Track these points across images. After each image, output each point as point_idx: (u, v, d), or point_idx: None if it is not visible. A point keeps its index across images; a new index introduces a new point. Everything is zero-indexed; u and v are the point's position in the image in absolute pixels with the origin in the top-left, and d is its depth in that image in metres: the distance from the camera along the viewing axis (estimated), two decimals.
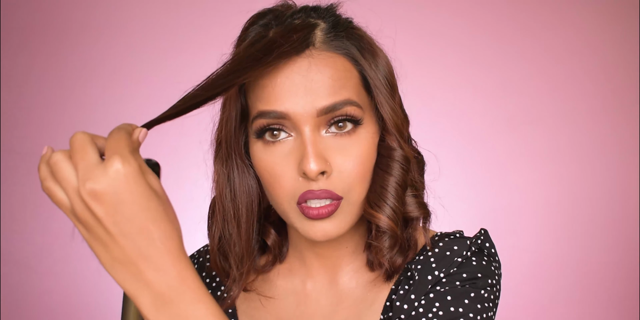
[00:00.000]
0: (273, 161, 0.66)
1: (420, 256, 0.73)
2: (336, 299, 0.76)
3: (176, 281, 0.51)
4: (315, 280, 0.77)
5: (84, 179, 0.49)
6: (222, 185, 0.73)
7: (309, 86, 0.64)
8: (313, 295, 0.77)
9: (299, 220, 0.68)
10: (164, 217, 0.51)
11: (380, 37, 0.74)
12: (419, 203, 0.72)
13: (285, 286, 0.79)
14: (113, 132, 0.52)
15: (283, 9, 0.70)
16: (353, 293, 0.76)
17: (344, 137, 0.66)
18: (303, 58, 0.64)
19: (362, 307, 0.74)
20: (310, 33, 0.66)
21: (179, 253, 0.51)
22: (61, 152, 0.51)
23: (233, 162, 0.72)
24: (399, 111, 0.71)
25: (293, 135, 0.66)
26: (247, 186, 0.73)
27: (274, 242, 0.77)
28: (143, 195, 0.49)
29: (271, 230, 0.77)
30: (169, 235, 0.51)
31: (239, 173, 0.72)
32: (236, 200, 0.72)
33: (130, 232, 0.50)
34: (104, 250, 0.51)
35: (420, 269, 0.72)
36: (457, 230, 0.78)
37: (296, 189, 0.66)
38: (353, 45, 0.68)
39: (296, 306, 0.77)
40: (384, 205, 0.68)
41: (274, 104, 0.64)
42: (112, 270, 0.51)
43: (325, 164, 0.64)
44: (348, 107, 0.65)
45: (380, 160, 0.70)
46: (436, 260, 0.72)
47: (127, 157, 0.49)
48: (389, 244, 0.70)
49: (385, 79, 0.69)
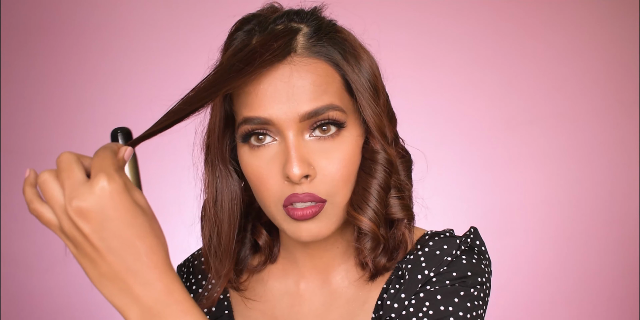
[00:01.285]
0: (259, 165, 0.68)
1: (411, 255, 0.74)
2: (329, 298, 0.77)
3: (163, 295, 0.52)
4: (308, 280, 0.78)
5: (71, 197, 0.50)
6: (210, 189, 0.75)
7: (291, 92, 0.65)
8: (307, 296, 0.78)
9: (285, 222, 0.69)
10: (150, 232, 0.52)
11: (366, 39, 0.74)
12: (403, 205, 0.73)
13: (279, 287, 0.79)
14: (99, 151, 0.54)
15: (268, 13, 0.71)
16: (345, 292, 0.76)
17: (328, 140, 0.67)
18: (285, 64, 0.66)
19: (355, 306, 0.75)
20: (292, 39, 0.67)
21: (165, 267, 0.53)
22: (48, 172, 0.52)
23: (217, 168, 0.74)
24: (383, 114, 0.72)
25: (277, 140, 0.67)
26: (229, 192, 0.75)
27: (265, 243, 0.79)
28: (128, 211, 0.51)
29: (262, 230, 0.78)
30: (155, 250, 0.52)
31: (222, 178, 0.74)
32: (220, 205, 0.74)
33: (117, 248, 0.51)
34: (92, 266, 0.52)
35: (410, 268, 0.73)
36: (447, 228, 0.78)
37: (282, 192, 0.67)
38: (335, 49, 0.69)
39: (291, 307, 0.78)
40: (366, 208, 0.70)
41: (257, 110, 0.66)
42: (100, 285, 0.53)
43: (308, 168, 0.66)
44: (330, 111, 0.66)
45: (364, 163, 0.71)
46: (426, 260, 0.73)
47: (112, 174, 0.51)
48: (371, 246, 0.71)
49: (368, 82, 0.70)
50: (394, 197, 0.73)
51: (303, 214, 0.67)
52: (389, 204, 0.72)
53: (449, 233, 0.77)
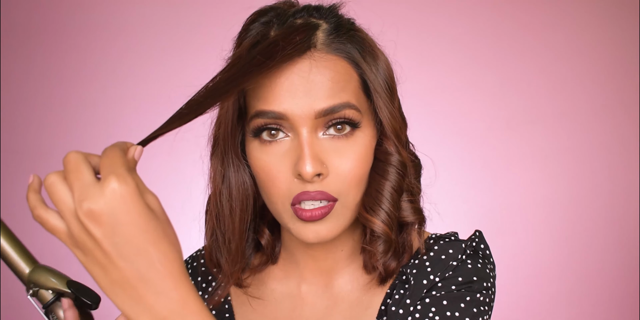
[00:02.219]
0: (269, 161, 0.66)
1: (416, 260, 0.73)
2: (332, 302, 0.76)
3: (178, 305, 0.50)
4: (310, 283, 0.77)
5: (81, 199, 0.47)
6: (218, 183, 0.72)
7: (308, 88, 0.63)
8: (309, 299, 0.77)
9: (292, 222, 0.67)
10: (164, 238, 0.49)
11: (381, 40, 0.74)
12: (415, 208, 0.72)
13: (280, 290, 0.78)
14: (107, 150, 0.51)
15: (285, 6, 0.70)
16: (348, 296, 0.75)
17: (341, 139, 0.66)
18: (304, 59, 0.64)
19: (358, 311, 0.74)
20: (312, 34, 0.65)
21: (180, 276, 0.50)
22: (55, 174, 0.49)
23: (229, 160, 0.72)
24: (398, 115, 0.71)
25: (290, 136, 0.66)
26: (242, 184, 0.72)
27: (267, 242, 0.77)
28: (141, 215, 0.48)
29: (265, 229, 0.77)
30: (170, 257, 0.49)
31: (234, 171, 0.72)
32: (231, 199, 0.72)
33: (129, 254, 0.48)
34: (103, 273, 0.49)
35: (415, 273, 0.72)
36: (451, 231, 0.77)
37: (291, 190, 0.66)
38: (354, 47, 0.68)
39: (292, 310, 0.77)
40: (379, 210, 0.68)
41: (272, 104, 0.64)
42: (111, 293, 0.50)
43: (321, 166, 0.64)
44: (346, 110, 0.65)
45: (376, 164, 0.70)
46: (431, 264, 0.72)
47: (123, 176, 0.48)
48: (383, 249, 0.70)
49: (385, 82, 0.69)
50: (406, 200, 0.71)
51: (312, 215, 0.65)
52: (401, 208, 0.71)
53: (454, 237, 0.76)
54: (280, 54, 0.61)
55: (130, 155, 0.52)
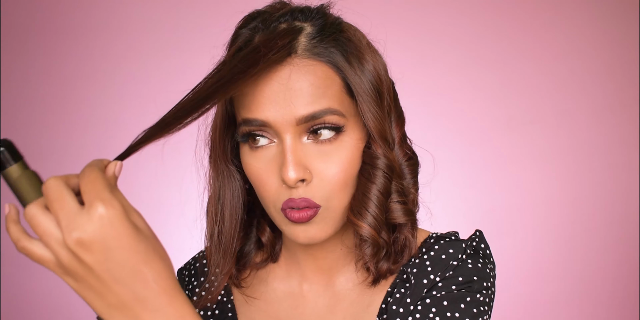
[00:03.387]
0: (258, 166, 0.67)
1: (416, 259, 0.74)
2: (333, 300, 0.76)
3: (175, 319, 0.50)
4: (312, 282, 0.78)
5: (69, 229, 0.47)
6: (212, 187, 0.74)
7: (288, 95, 0.63)
8: (310, 297, 0.77)
9: (284, 224, 0.69)
10: (155, 256, 0.50)
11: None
12: (405, 209, 0.72)
13: (282, 288, 0.79)
14: (86, 171, 0.50)
15: (273, 10, 0.69)
16: (349, 294, 0.76)
17: (326, 143, 0.66)
18: (284, 66, 0.64)
19: (359, 309, 0.75)
20: (294, 39, 0.65)
21: (174, 291, 0.51)
22: (34, 205, 0.49)
23: (220, 169, 0.73)
24: (384, 118, 0.70)
25: (276, 142, 0.67)
26: (231, 191, 0.74)
27: (268, 240, 0.78)
28: (131, 237, 0.48)
29: (266, 227, 0.78)
30: (163, 275, 0.50)
31: (224, 178, 0.74)
32: (222, 205, 0.74)
33: (124, 277, 0.49)
34: (98, 298, 0.50)
35: (416, 272, 0.72)
36: (452, 231, 0.78)
37: (280, 194, 0.67)
38: (337, 51, 0.67)
39: (294, 308, 0.78)
40: (365, 213, 0.69)
41: (255, 112, 0.65)
42: (108, 316, 0.50)
43: (304, 172, 0.65)
44: (328, 115, 0.65)
45: (363, 167, 0.70)
46: (432, 264, 0.72)
47: (109, 199, 0.48)
48: (371, 252, 0.71)
49: (370, 84, 0.68)
50: (396, 201, 0.71)
51: (300, 216, 0.66)
52: (390, 209, 0.71)
53: (454, 236, 0.76)
54: (262, 60, 0.61)
55: (110, 173, 0.52)
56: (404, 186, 0.73)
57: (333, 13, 0.72)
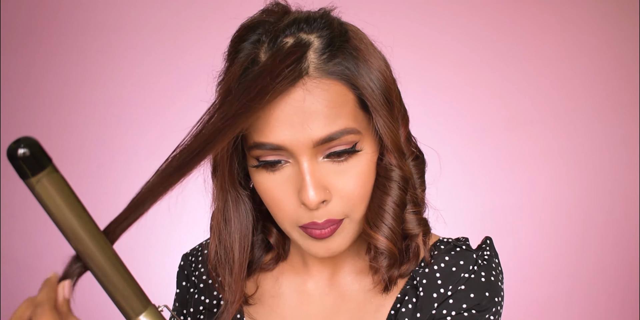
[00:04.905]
0: (273, 186, 0.65)
1: (426, 268, 0.73)
2: (339, 300, 0.76)
3: None
4: (317, 280, 0.78)
5: None
6: (218, 208, 0.72)
7: (303, 118, 0.61)
8: (316, 296, 0.77)
9: (301, 239, 0.68)
10: None
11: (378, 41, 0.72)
12: (419, 219, 0.72)
13: (288, 285, 0.79)
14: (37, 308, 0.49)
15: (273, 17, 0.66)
16: (357, 296, 0.75)
17: (342, 161, 0.65)
18: (297, 87, 0.61)
19: (366, 311, 0.74)
20: (303, 57, 0.62)
21: None
22: None
23: (227, 193, 0.71)
24: (397, 127, 0.69)
25: (291, 162, 0.65)
26: (240, 217, 0.72)
27: (276, 240, 0.77)
28: None
29: (273, 229, 0.77)
30: None
31: (232, 203, 0.72)
32: (230, 231, 0.72)
33: None
34: None
35: (425, 284, 0.72)
36: (462, 237, 0.77)
37: (298, 215, 0.65)
38: (348, 65, 0.65)
39: (299, 306, 0.77)
40: (381, 225, 0.68)
41: (269, 136, 0.62)
42: None
43: (324, 193, 0.63)
44: (345, 135, 0.63)
45: (378, 179, 0.69)
46: (442, 277, 0.72)
47: None
48: (388, 264, 0.70)
49: (382, 95, 0.67)
50: (410, 212, 0.71)
51: (322, 233, 0.65)
52: (405, 220, 0.70)
53: (465, 245, 0.75)
54: (271, 87, 0.58)
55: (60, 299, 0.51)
56: (418, 196, 0.72)
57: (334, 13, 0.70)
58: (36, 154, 0.41)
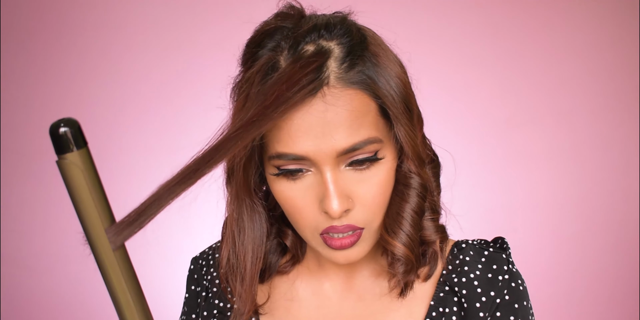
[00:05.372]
0: (293, 195, 0.65)
1: (462, 277, 0.74)
2: (359, 303, 0.76)
3: None
4: (334, 283, 0.77)
5: None
6: (231, 217, 0.72)
7: (327, 129, 0.61)
8: (334, 298, 0.77)
9: (321, 248, 0.67)
10: None
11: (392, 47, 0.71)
12: (437, 226, 0.72)
13: (304, 288, 0.78)
14: None
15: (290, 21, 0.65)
16: (378, 300, 0.75)
17: (364, 169, 0.64)
18: (318, 97, 0.61)
19: (394, 317, 0.74)
20: (323, 66, 0.61)
21: None
22: None
23: (242, 201, 0.71)
24: (417, 134, 0.69)
25: (312, 171, 0.64)
26: (254, 228, 0.72)
27: (292, 243, 0.77)
28: None
29: (289, 231, 0.76)
30: None
31: (247, 213, 0.71)
32: (243, 240, 0.72)
33: None
34: None
35: (466, 294, 0.72)
36: (479, 239, 0.78)
37: (318, 222, 0.65)
38: (370, 73, 0.64)
39: (317, 308, 0.77)
40: (399, 232, 0.68)
41: (292, 146, 0.61)
42: None
43: (347, 202, 0.63)
44: (368, 145, 0.63)
45: (396, 186, 0.68)
46: (481, 284, 0.73)
47: None
48: (404, 270, 0.70)
49: (402, 103, 0.66)
50: (429, 219, 0.71)
51: (342, 244, 0.65)
52: (423, 227, 0.71)
53: (492, 248, 0.76)
54: (290, 95, 0.58)
55: None
56: (436, 202, 0.72)
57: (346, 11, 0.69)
58: (75, 135, 0.46)
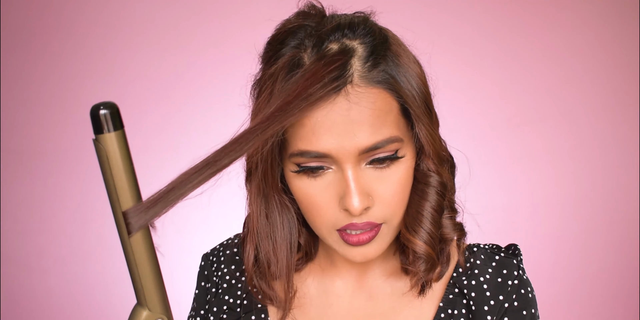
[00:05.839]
0: (313, 192, 0.65)
1: (472, 280, 0.74)
2: (370, 302, 0.76)
3: None
4: (346, 281, 0.77)
5: None
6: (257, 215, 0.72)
7: (350, 127, 0.61)
8: (345, 297, 0.77)
9: (338, 245, 0.68)
10: None
11: None
12: (455, 224, 0.73)
13: (316, 286, 0.79)
14: None
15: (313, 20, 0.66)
16: (389, 299, 0.76)
17: (385, 168, 0.65)
18: (342, 95, 0.61)
19: (404, 317, 0.74)
20: (348, 64, 0.62)
21: None
22: None
23: (271, 198, 0.71)
24: (438, 134, 0.70)
25: (333, 168, 0.64)
26: (284, 223, 0.72)
27: (306, 241, 0.77)
28: None
29: (303, 228, 0.76)
30: None
31: (279, 211, 0.72)
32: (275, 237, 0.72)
33: None
34: None
35: (475, 297, 0.73)
36: (491, 244, 0.79)
37: (337, 219, 0.65)
38: (392, 72, 0.65)
39: (328, 306, 0.77)
40: (420, 230, 0.68)
41: (315, 144, 0.62)
42: None
43: (367, 200, 0.64)
44: (390, 144, 0.63)
45: (416, 185, 0.69)
46: (490, 288, 0.74)
47: None
48: (425, 268, 0.70)
49: (423, 102, 0.67)
50: (447, 217, 0.72)
51: (359, 240, 0.65)
52: (442, 225, 0.71)
53: (503, 253, 0.77)
54: (313, 91, 0.59)
55: None
56: (454, 200, 0.73)
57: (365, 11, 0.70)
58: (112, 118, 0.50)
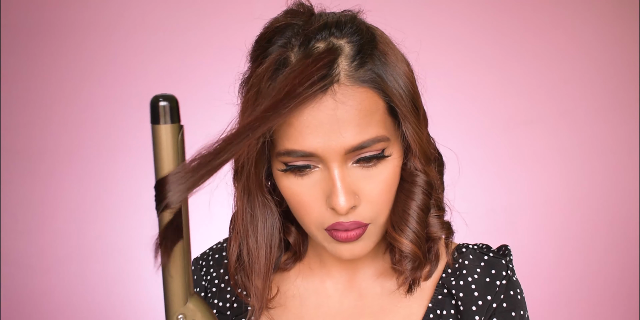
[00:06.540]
0: (300, 191, 0.65)
1: (460, 281, 0.74)
2: (360, 302, 0.76)
3: None
4: (336, 281, 0.78)
5: None
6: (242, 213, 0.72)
7: (336, 126, 0.61)
8: (335, 296, 0.77)
9: (326, 242, 0.68)
10: None
11: None
12: (443, 223, 0.73)
13: (305, 286, 0.79)
14: None
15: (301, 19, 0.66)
16: (379, 299, 0.76)
17: (371, 167, 0.65)
18: (328, 95, 0.61)
19: (392, 317, 0.74)
20: (334, 63, 0.62)
21: None
22: None
23: (255, 197, 0.71)
24: (425, 133, 0.70)
25: (320, 167, 0.65)
26: (266, 222, 0.73)
27: (296, 240, 0.77)
28: None
29: (292, 228, 0.77)
30: None
31: (260, 208, 0.72)
32: (257, 236, 0.73)
33: None
34: None
35: (463, 297, 0.73)
36: (481, 244, 0.78)
37: (324, 218, 0.66)
38: (379, 71, 0.65)
39: (318, 306, 0.77)
40: (406, 229, 0.68)
41: (302, 143, 0.62)
42: None
43: (354, 199, 0.64)
44: (376, 144, 0.63)
45: (402, 184, 0.69)
46: (478, 288, 0.73)
47: None
48: (412, 267, 0.71)
49: (410, 101, 0.67)
50: (434, 216, 0.72)
51: (347, 236, 0.66)
52: (429, 224, 0.71)
53: (492, 253, 0.77)
54: (301, 90, 0.58)
55: None
56: (441, 200, 0.73)
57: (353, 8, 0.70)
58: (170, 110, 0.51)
